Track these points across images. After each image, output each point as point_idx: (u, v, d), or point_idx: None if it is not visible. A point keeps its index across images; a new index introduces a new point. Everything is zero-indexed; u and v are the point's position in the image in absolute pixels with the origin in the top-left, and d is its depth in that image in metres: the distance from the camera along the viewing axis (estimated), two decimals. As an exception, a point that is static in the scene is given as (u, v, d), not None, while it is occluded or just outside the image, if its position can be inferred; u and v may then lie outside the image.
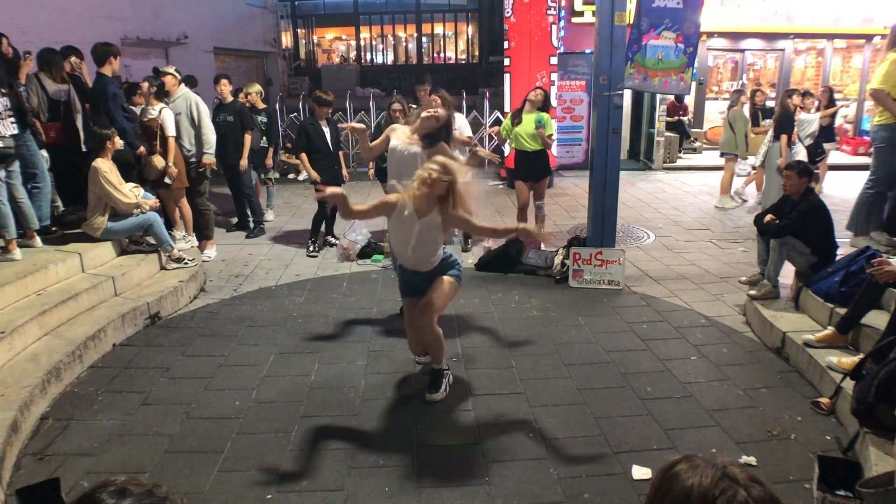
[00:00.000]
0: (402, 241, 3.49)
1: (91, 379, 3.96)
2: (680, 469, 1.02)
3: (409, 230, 3.42)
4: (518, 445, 3.20)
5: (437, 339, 3.66)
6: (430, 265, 3.59)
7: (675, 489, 1.00)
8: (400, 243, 3.53)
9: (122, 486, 0.95)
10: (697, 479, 0.99)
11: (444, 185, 3.28)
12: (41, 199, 5.32)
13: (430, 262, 3.58)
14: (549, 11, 9.61)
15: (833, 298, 4.20)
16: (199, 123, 6.24)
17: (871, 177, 5.39)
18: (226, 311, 5.09)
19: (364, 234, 6.50)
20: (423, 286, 3.63)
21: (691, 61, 5.53)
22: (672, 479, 1.02)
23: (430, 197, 3.32)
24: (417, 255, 3.51)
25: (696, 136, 13.16)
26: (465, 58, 28.83)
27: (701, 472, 1.00)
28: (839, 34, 12.97)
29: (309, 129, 6.45)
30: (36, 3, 9.97)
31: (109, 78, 5.78)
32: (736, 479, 0.98)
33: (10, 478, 2.95)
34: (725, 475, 0.98)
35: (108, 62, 5.76)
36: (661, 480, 1.04)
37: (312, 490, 2.87)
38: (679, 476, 1.01)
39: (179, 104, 6.14)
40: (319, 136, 6.40)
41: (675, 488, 1.00)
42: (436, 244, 3.52)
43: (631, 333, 4.59)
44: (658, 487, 1.05)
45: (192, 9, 15.51)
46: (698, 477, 0.99)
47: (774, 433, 3.30)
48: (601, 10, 5.38)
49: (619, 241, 6.41)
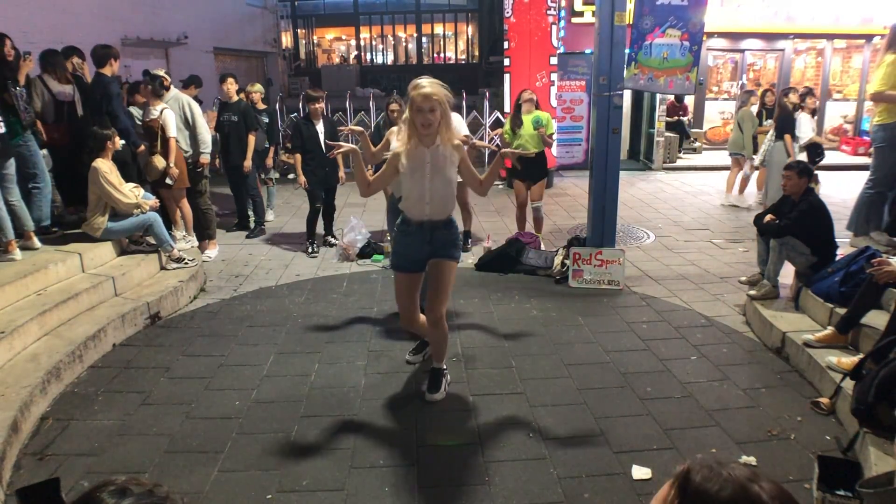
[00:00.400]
0: (418, 186, 3.35)
1: (91, 379, 3.96)
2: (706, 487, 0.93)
3: (422, 169, 3.31)
4: (518, 445, 3.20)
5: (446, 335, 3.66)
6: (446, 212, 3.46)
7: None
8: (416, 192, 3.38)
9: (122, 486, 0.95)
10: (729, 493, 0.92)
11: (436, 109, 3.20)
12: (41, 200, 5.32)
13: (448, 208, 3.46)
14: (548, 11, 9.62)
15: (833, 298, 4.20)
16: (192, 123, 6.23)
17: (871, 177, 5.39)
18: (226, 311, 5.09)
19: (364, 234, 6.49)
20: (423, 254, 3.49)
21: (697, 60, 5.43)
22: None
23: (428, 130, 3.25)
24: (436, 194, 3.37)
25: (695, 136, 13.17)
26: (465, 58, 28.84)
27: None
28: (839, 34, 12.97)
29: (303, 128, 6.44)
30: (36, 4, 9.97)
31: (110, 78, 5.79)
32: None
33: (10, 478, 2.95)
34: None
35: (109, 63, 5.78)
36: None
37: (312, 490, 2.88)
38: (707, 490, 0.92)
39: (172, 106, 6.14)
40: (312, 136, 6.38)
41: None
42: (451, 182, 3.42)
43: (631, 333, 4.59)
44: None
45: (192, 9, 15.52)
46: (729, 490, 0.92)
47: (774, 433, 3.30)
48: (601, 10, 5.38)
49: (619, 241, 6.42)
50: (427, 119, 3.21)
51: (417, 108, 3.20)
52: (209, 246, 6.53)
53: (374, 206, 8.62)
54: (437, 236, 3.46)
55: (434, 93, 3.19)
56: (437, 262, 3.50)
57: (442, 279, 3.50)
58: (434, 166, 3.33)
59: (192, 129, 6.24)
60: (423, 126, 3.24)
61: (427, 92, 3.18)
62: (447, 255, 3.49)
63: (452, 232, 3.52)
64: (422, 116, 3.21)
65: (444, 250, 3.48)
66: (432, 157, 3.33)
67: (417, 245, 3.48)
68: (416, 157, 3.33)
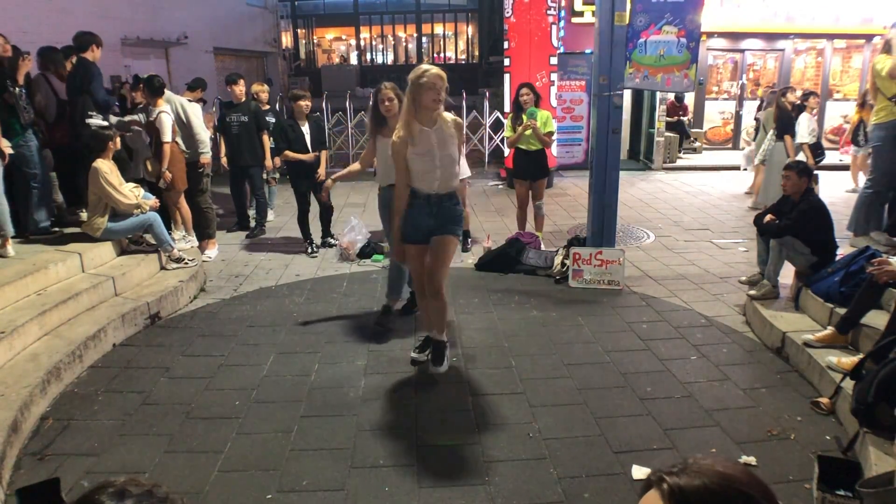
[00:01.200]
0: (429, 164, 3.65)
1: (91, 379, 3.96)
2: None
3: (431, 149, 3.62)
4: (518, 445, 3.20)
5: (446, 306, 3.90)
6: (451, 186, 3.77)
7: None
8: (426, 167, 3.66)
9: (121, 488, 0.95)
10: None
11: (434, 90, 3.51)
12: (41, 200, 5.31)
13: (452, 183, 3.77)
14: (549, 11, 9.62)
15: (833, 298, 4.20)
16: (188, 123, 6.22)
17: (870, 176, 5.39)
18: (226, 311, 5.09)
19: (364, 234, 6.49)
20: (428, 226, 3.76)
21: (694, 57, 5.43)
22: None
23: (438, 106, 3.58)
24: (445, 170, 3.67)
25: (695, 136, 13.17)
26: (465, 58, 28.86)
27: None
28: (839, 34, 12.96)
29: (287, 129, 6.30)
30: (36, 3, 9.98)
31: (91, 61, 5.73)
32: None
33: (10, 478, 2.95)
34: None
35: (91, 49, 5.74)
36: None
37: (312, 490, 2.88)
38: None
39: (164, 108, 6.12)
40: (298, 137, 6.29)
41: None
42: (455, 157, 3.73)
43: (631, 333, 4.59)
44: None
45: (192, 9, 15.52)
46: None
47: (774, 433, 3.30)
48: (601, 10, 5.38)
49: (619, 241, 6.42)
50: (441, 96, 3.55)
51: (430, 86, 3.51)
52: (209, 246, 6.53)
53: (373, 206, 8.60)
54: (441, 210, 3.76)
55: (442, 74, 3.57)
56: (440, 237, 3.78)
57: (443, 252, 3.78)
58: (440, 143, 3.64)
59: (188, 129, 6.23)
60: (434, 102, 3.55)
61: (439, 72, 3.56)
62: (449, 230, 3.81)
63: (456, 207, 3.84)
64: (434, 93, 3.52)
65: (446, 226, 3.79)
66: (437, 136, 3.64)
67: (424, 217, 3.77)
68: (423, 140, 3.62)
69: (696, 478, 0.91)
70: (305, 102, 6.36)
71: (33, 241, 5.20)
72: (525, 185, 6.51)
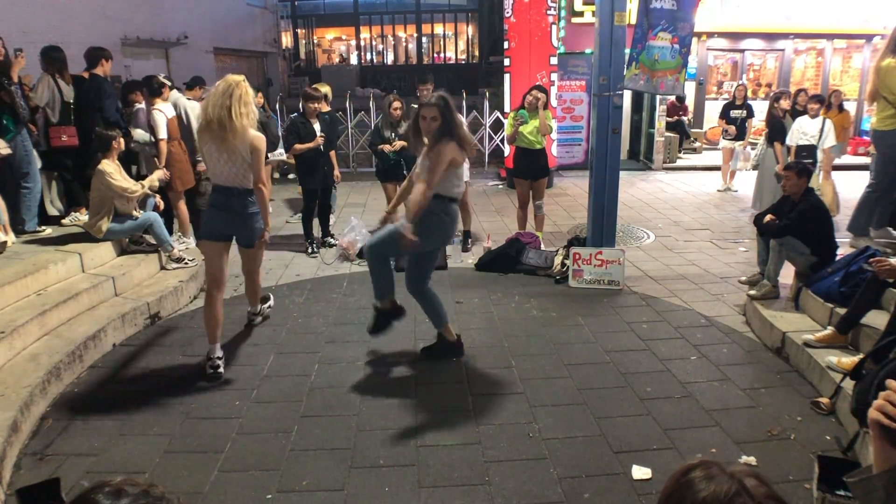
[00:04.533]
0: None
1: (91, 379, 3.96)
2: (694, 477, 0.98)
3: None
4: (518, 445, 3.20)
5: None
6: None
7: (688, 499, 0.96)
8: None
9: (117, 487, 0.95)
10: (712, 491, 0.94)
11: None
12: (30, 200, 5.32)
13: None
14: (548, 11, 9.62)
15: (833, 298, 4.20)
16: (189, 125, 6.23)
17: (873, 181, 5.39)
18: (226, 311, 5.06)
19: (364, 234, 6.49)
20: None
21: (685, 62, 5.61)
22: (686, 488, 0.97)
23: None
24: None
25: (695, 136, 13.17)
26: (465, 58, 28.84)
27: (716, 484, 0.95)
28: (839, 34, 12.98)
29: (300, 127, 6.38)
30: (36, 3, 9.98)
31: (102, 78, 5.80)
32: (752, 496, 0.93)
33: (10, 478, 2.95)
34: (743, 488, 0.94)
35: (100, 64, 5.84)
36: (675, 487, 1.00)
37: (312, 490, 2.87)
38: (693, 485, 0.97)
39: (169, 110, 6.13)
40: (309, 135, 6.34)
41: (687, 498, 0.96)
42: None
43: (631, 333, 4.59)
44: (670, 494, 1.00)
45: (192, 9, 15.53)
46: (713, 488, 0.94)
47: (774, 433, 3.30)
48: (601, 10, 5.38)
49: (619, 241, 6.42)
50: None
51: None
52: (209, 246, 6.51)
53: (374, 206, 8.63)
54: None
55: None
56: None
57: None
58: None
59: (189, 132, 6.23)
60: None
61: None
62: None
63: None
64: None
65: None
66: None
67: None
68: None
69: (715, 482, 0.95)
70: (314, 105, 6.43)
71: (33, 241, 5.20)
72: (526, 185, 6.51)
